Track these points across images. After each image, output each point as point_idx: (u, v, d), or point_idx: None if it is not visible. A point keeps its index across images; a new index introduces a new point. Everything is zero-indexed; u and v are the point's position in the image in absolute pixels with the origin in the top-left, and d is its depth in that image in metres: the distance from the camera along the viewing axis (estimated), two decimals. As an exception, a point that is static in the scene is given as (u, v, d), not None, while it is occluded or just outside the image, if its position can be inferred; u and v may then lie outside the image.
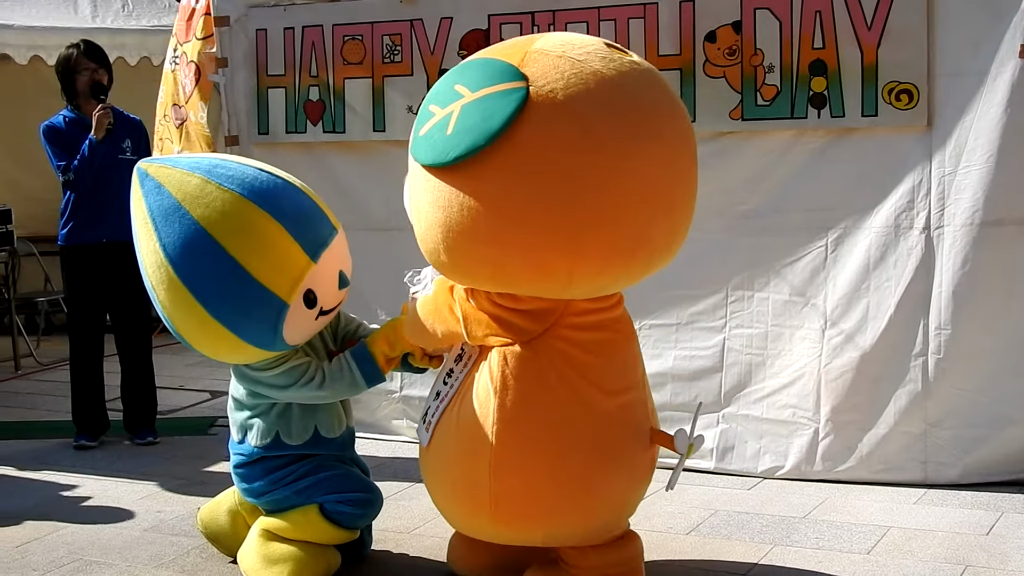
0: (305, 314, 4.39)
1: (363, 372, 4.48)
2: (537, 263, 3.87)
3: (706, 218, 5.79)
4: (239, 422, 4.71)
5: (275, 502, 4.67)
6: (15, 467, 6.47)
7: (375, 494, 4.71)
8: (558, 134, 3.76)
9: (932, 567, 4.62)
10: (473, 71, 3.97)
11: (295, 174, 4.62)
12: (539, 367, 4.06)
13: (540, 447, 4.06)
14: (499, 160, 3.77)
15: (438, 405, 4.28)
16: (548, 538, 4.22)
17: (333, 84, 6.54)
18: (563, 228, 3.79)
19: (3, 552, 5.12)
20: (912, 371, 5.52)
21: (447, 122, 3.86)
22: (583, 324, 4.12)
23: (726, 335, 5.89)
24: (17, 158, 10.94)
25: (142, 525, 5.43)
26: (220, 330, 4.34)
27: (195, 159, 4.54)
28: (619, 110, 3.82)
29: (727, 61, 5.66)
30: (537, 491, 4.09)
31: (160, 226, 4.31)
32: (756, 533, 5.06)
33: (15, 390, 8.51)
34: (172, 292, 4.33)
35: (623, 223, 3.86)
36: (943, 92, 5.38)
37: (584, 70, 3.81)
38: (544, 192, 3.76)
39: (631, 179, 3.83)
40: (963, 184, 5.37)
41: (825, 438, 5.67)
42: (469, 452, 4.12)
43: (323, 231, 4.42)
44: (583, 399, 4.08)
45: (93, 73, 6.75)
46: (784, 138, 5.66)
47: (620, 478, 4.20)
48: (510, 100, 3.76)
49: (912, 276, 5.49)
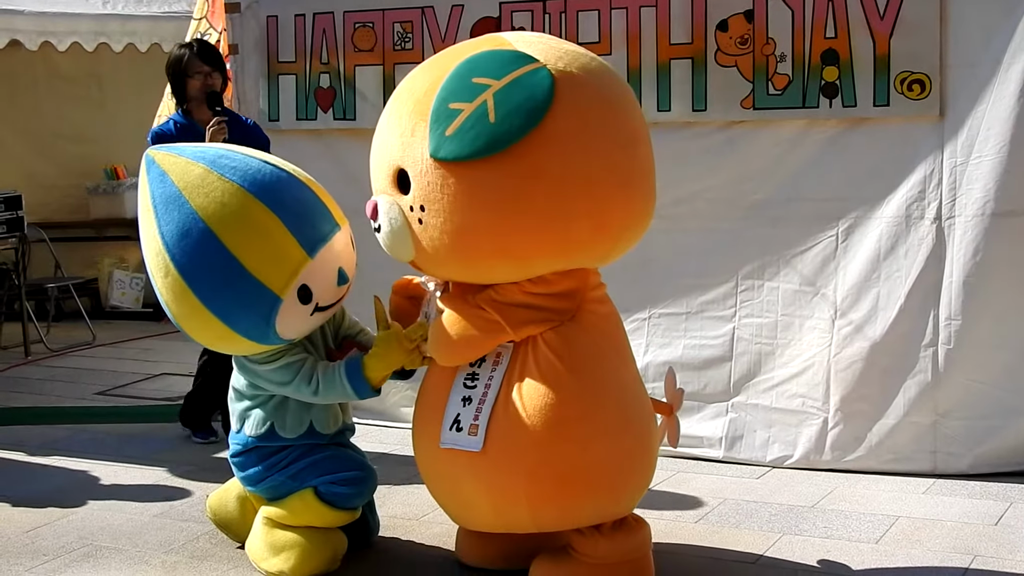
0: (299, 309, 4.39)
1: (355, 388, 4.44)
2: (598, 226, 4.08)
3: (717, 207, 5.84)
4: (238, 412, 4.74)
5: (272, 488, 4.69)
6: (25, 452, 6.48)
7: (368, 472, 4.72)
8: (589, 102, 4.00)
9: (941, 557, 4.62)
10: (485, 63, 4.00)
11: (305, 161, 4.62)
12: (592, 338, 4.20)
13: (615, 412, 4.17)
14: (549, 134, 3.90)
15: (478, 407, 4.20)
16: (627, 505, 4.30)
17: (344, 71, 6.54)
18: (614, 186, 4.05)
19: (13, 537, 5.14)
20: (922, 361, 5.51)
21: (484, 111, 3.88)
22: (598, 298, 4.31)
23: (736, 324, 5.88)
24: (28, 144, 10.96)
25: (152, 511, 5.44)
26: (213, 320, 4.36)
27: (202, 148, 4.55)
28: (611, 75, 4.20)
29: (739, 50, 5.65)
30: (622, 456, 4.18)
31: (160, 214, 4.33)
32: (765, 522, 5.06)
33: (25, 376, 8.53)
34: (169, 280, 4.35)
35: (647, 175, 4.20)
36: (955, 82, 5.36)
37: (568, 50, 4.11)
38: (594, 155, 3.97)
39: (642, 134, 4.19)
40: (974, 174, 5.36)
41: (834, 428, 5.67)
42: (551, 435, 4.08)
43: (323, 227, 4.41)
44: (626, 365, 4.31)
45: (206, 78, 6.23)
46: (795, 128, 5.66)
47: (657, 436, 4.42)
48: (542, 76, 3.93)
49: (923, 266, 5.48)
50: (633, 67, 5.81)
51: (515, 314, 4.13)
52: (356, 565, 4.71)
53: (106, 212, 10.83)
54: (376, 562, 4.78)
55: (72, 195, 10.92)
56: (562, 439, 4.09)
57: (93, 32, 9.82)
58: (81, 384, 8.18)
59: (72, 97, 10.91)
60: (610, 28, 5.87)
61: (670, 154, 5.68)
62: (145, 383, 8.17)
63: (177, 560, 4.83)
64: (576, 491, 4.15)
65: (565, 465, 4.11)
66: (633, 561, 4.31)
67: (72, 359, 9.08)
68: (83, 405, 7.60)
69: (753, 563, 4.64)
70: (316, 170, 4.63)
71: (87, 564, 4.82)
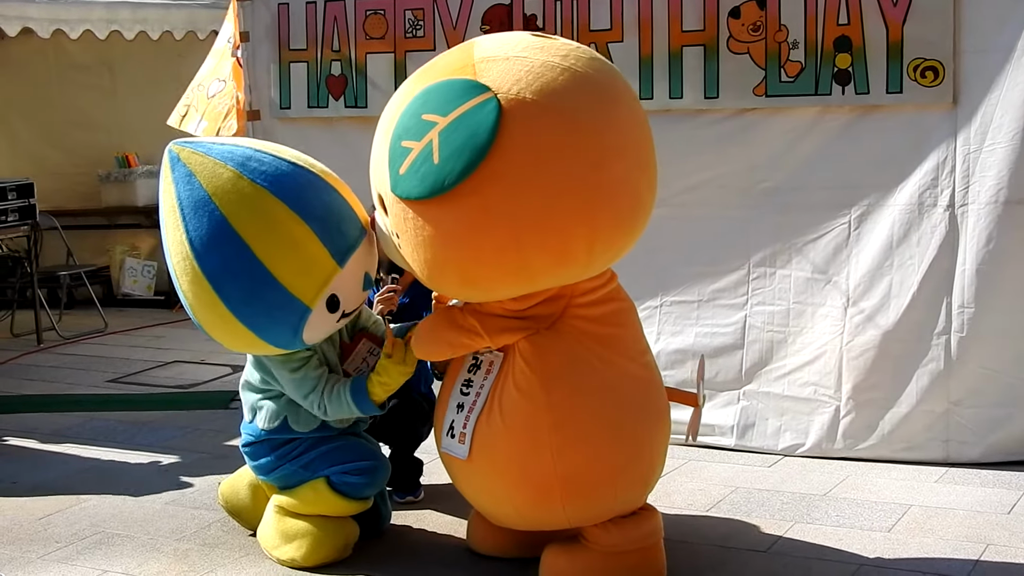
0: (327, 317, 4.39)
1: (360, 408, 4.48)
2: (558, 253, 3.93)
3: (729, 195, 5.82)
4: (250, 403, 4.75)
5: (283, 478, 4.70)
6: (37, 440, 6.50)
7: (381, 462, 4.72)
8: (541, 130, 3.84)
9: (953, 546, 4.61)
10: (435, 96, 3.95)
11: (315, 149, 4.59)
12: (568, 345, 4.14)
13: (594, 418, 4.13)
14: (496, 170, 3.79)
15: (467, 416, 4.26)
16: (616, 507, 4.26)
17: (355, 59, 6.52)
18: (575, 212, 3.86)
19: (26, 524, 5.15)
20: (934, 350, 5.50)
21: (429, 152, 3.85)
22: (592, 301, 4.21)
23: (747, 312, 5.87)
24: (40, 132, 10.98)
25: (163, 498, 5.45)
26: (240, 328, 4.35)
27: (229, 147, 4.44)
28: (581, 89, 3.92)
29: (751, 37, 5.63)
30: (602, 461, 4.15)
31: (188, 218, 4.28)
32: (776, 511, 5.05)
33: (37, 364, 8.54)
34: (195, 286, 4.32)
35: (621, 192, 3.98)
36: (968, 69, 5.34)
37: (534, 66, 3.90)
38: (548, 186, 3.83)
39: (615, 149, 3.95)
40: (988, 162, 5.33)
41: (846, 416, 5.65)
42: (526, 445, 4.13)
43: (352, 234, 4.40)
44: (616, 367, 4.19)
45: None
46: (808, 115, 5.63)
47: (662, 432, 4.38)
48: (487, 112, 3.80)
49: (935, 254, 5.46)
50: (645, 54, 5.79)
51: (491, 322, 4.17)
52: (368, 553, 4.71)
53: (118, 200, 10.83)
54: (388, 551, 4.78)
55: (84, 183, 10.92)
56: (536, 448, 4.11)
57: (105, 20, 9.80)
58: (93, 372, 8.19)
59: (84, 85, 10.91)
60: (622, 15, 5.84)
61: (682, 142, 5.70)
62: (157, 371, 8.18)
63: (189, 548, 4.84)
64: (556, 498, 4.16)
65: (541, 474, 4.13)
66: (644, 550, 4.31)
67: (84, 347, 9.09)
68: (95, 393, 7.62)
69: (765, 551, 4.63)
70: (327, 158, 4.62)
71: (99, 551, 4.83)
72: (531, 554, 4.41)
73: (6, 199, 9.12)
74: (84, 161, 10.89)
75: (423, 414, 5.14)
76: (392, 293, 4.73)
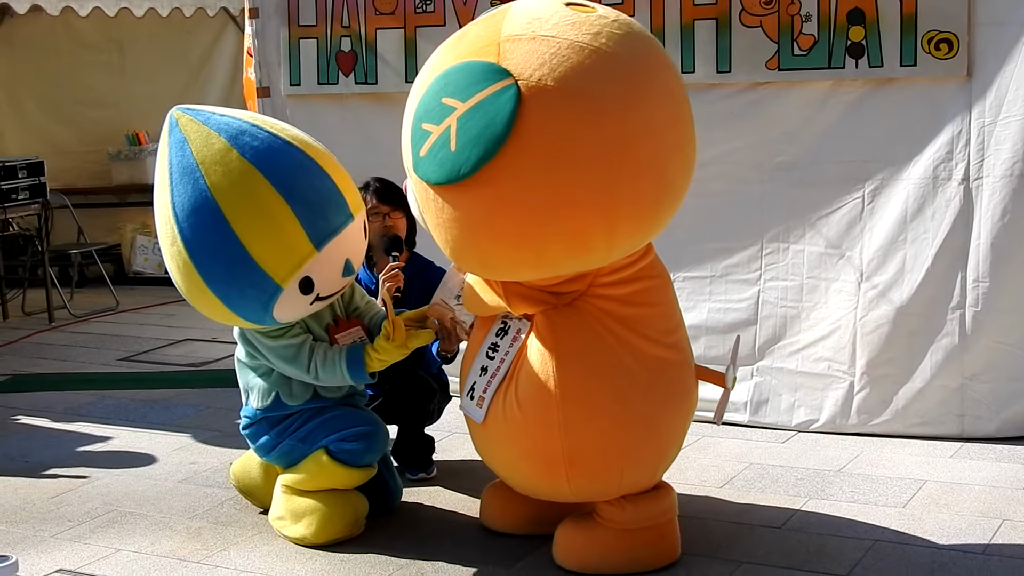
0: (299, 299, 4.39)
1: (352, 376, 4.50)
2: (577, 243, 3.89)
3: (742, 170, 5.79)
4: (243, 385, 4.78)
5: (285, 455, 4.71)
6: (49, 419, 6.50)
7: (377, 427, 4.72)
8: (560, 118, 3.76)
9: (968, 521, 4.59)
10: (456, 79, 3.89)
11: (327, 126, 4.57)
12: (587, 324, 4.12)
13: (604, 397, 4.11)
14: (512, 160, 3.75)
15: (488, 380, 4.27)
16: (623, 486, 4.23)
17: (365, 35, 6.49)
18: (593, 203, 3.81)
19: (39, 503, 5.16)
20: (949, 324, 5.47)
21: (447, 138, 3.82)
22: (618, 280, 4.16)
23: (761, 287, 5.84)
24: (50, 110, 10.96)
25: (176, 477, 5.45)
26: (213, 299, 4.38)
27: (228, 118, 4.43)
28: (607, 72, 3.81)
29: (764, 10, 5.58)
30: (609, 440, 4.13)
31: (176, 183, 4.32)
32: (791, 486, 5.04)
33: (49, 342, 8.55)
34: (174, 251, 4.36)
35: (644, 178, 3.88)
36: (983, 41, 5.29)
37: (561, 47, 3.80)
38: (565, 177, 3.77)
39: (639, 136, 3.84)
40: (1003, 135, 5.29)
41: (860, 391, 5.63)
42: (537, 418, 4.13)
43: (336, 219, 4.38)
44: (633, 348, 4.14)
45: (385, 219, 5.19)
46: (821, 89, 5.59)
47: (680, 414, 4.32)
48: (505, 100, 3.74)
49: (950, 228, 5.43)
50: (656, 28, 5.75)
51: (512, 288, 4.16)
52: (379, 530, 4.71)
53: (128, 178, 10.82)
54: (399, 527, 4.78)
55: (94, 161, 10.92)
56: (546, 422, 4.11)
57: (114, -3, 9.80)
58: (105, 350, 8.19)
59: (93, 63, 10.89)
60: (634, -11, 5.81)
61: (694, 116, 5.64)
62: (169, 348, 8.18)
63: (201, 526, 4.84)
64: (561, 472, 4.16)
65: (549, 448, 4.13)
66: (658, 527, 4.30)
67: (95, 325, 9.10)
68: (107, 371, 7.62)
69: (779, 527, 4.62)
70: (336, 134, 4.62)
71: (112, 529, 4.84)
72: (544, 531, 4.41)
73: (16, 177, 9.13)
74: (94, 139, 10.89)
75: (430, 391, 5.15)
76: (396, 271, 4.65)
